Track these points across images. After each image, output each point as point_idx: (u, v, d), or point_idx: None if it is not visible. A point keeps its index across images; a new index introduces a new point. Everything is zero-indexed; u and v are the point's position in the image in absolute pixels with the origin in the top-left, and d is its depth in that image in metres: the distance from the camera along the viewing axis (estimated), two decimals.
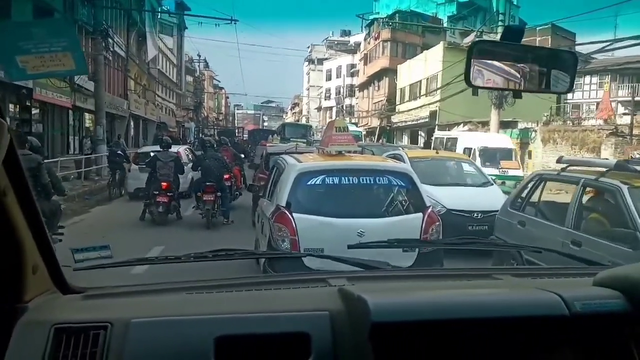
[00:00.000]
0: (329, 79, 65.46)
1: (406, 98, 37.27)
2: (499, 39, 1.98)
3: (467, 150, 15.67)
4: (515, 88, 1.93)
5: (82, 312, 1.38)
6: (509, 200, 6.72)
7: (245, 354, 1.26)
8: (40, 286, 1.40)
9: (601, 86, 34.10)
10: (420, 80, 35.36)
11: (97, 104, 19.86)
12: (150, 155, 11.70)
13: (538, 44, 26.40)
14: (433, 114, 31.56)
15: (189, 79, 58.01)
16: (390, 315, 1.21)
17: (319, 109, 70.59)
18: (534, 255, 4.61)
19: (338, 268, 1.97)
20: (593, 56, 27.09)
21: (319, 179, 5.31)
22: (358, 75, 54.08)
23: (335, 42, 72.13)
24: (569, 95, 28.83)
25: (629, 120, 22.15)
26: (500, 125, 21.36)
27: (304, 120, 71.43)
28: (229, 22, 22.71)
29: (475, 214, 8.25)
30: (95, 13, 19.46)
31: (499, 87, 1.99)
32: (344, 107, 56.76)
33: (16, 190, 1.19)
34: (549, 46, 23.62)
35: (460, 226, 7.68)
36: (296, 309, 1.36)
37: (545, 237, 5.41)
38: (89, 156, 18.44)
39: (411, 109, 35.13)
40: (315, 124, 55.37)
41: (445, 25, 40.54)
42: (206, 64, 68.86)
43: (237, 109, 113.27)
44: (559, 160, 6.20)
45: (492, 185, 9.79)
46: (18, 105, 18.07)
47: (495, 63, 1.88)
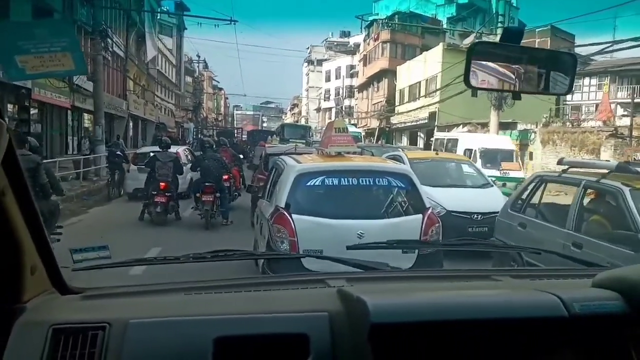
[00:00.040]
0: (328, 79, 65.48)
1: (405, 99, 37.32)
2: (499, 40, 1.98)
3: (468, 152, 15.65)
4: (514, 89, 1.94)
5: (81, 313, 1.37)
6: (510, 202, 6.69)
7: (244, 354, 1.26)
8: (39, 286, 1.39)
9: (600, 88, 34.07)
10: (420, 82, 35.42)
11: (96, 104, 19.82)
12: (149, 155, 11.66)
13: (537, 45, 26.36)
14: (432, 115, 31.60)
15: (188, 79, 58.03)
16: (389, 317, 1.21)
17: (318, 109, 70.65)
18: (534, 256, 4.59)
19: (337, 269, 1.96)
20: (592, 58, 27.17)
21: (318, 180, 5.29)
22: (357, 76, 54.10)
23: (335, 43, 72.22)
24: (568, 96, 28.87)
25: (628, 121, 22.16)
26: (500, 126, 21.39)
27: (303, 121, 71.45)
28: (229, 23, 22.73)
29: (475, 216, 8.24)
30: (95, 13, 19.48)
31: (498, 89, 1.99)
32: (343, 108, 56.74)
33: (15, 190, 1.19)
34: (548, 48, 23.62)
35: (460, 228, 7.69)
36: (295, 309, 1.36)
37: (546, 239, 5.39)
38: (88, 156, 18.41)
39: (410, 110, 35.11)
40: (314, 125, 55.36)
41: (444, 26, 40.59)
42: (205, 64, 68.90)
43: (236, 110, 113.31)
44: (559, 162, 6.18)
45: (492, 186, 9.78)
46: (17, 106, 18.05)
47: (494, 65, 1.89)
